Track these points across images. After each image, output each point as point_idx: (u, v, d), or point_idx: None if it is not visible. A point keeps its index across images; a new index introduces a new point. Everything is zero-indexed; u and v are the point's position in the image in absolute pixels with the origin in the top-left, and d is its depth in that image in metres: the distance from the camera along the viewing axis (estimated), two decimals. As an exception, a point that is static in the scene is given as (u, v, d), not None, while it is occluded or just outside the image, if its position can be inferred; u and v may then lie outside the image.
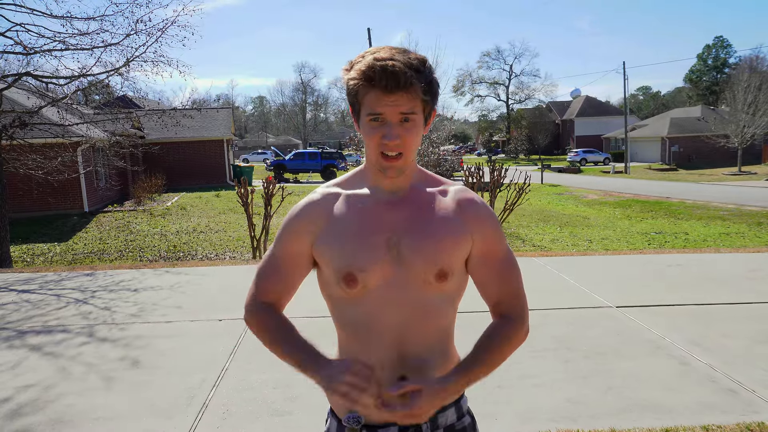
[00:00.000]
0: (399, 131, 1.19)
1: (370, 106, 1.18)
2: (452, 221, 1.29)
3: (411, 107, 1.18)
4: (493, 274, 1.33)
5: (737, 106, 35.25)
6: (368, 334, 1.28)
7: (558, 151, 62.48)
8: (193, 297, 5.97)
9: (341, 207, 1.31)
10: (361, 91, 1.19)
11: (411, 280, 1.25)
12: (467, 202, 1.32)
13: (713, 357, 3.99)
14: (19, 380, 3.88)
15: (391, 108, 1.17)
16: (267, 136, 75.56)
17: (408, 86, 1.15)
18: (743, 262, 7.18)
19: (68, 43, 9.33)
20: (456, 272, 1.28)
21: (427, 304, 1.27)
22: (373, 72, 1.15)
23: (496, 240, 1.33)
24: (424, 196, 1.32)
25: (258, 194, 9.99)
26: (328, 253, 1.28)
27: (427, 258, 1.24)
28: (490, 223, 1.32)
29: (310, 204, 1.34)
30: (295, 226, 1.33)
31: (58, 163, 11.43)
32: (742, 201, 17.92)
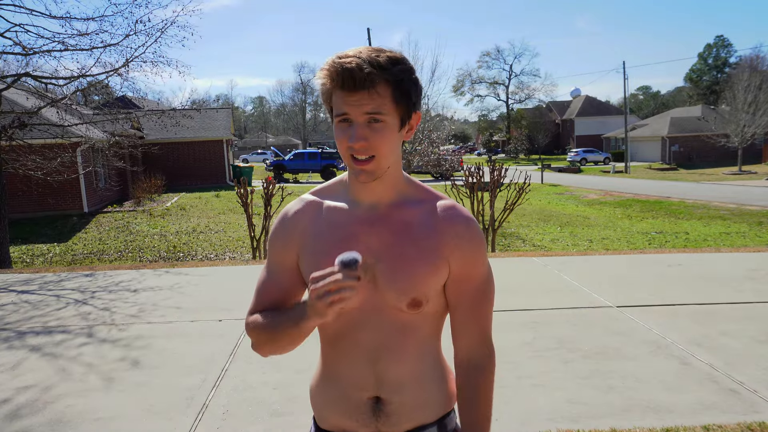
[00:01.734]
0: (365, 132, 1.12)
1: (336, 107, 1.14)
2: (430, 245, 1.21)
3: (377, 107, 1.11)
4: (463, 301, 1.25)
5: (737, 106, 35.25)
6: (346, 351, 1.26)
7: (558, 151, 62.49)
8: (192, 297, 5.97)
9: (319, 221, 1.27)
10: (327, 92, 1.15)
11: (385, 306, 1.21)
12: (448, 222, 1.23)
13: (714, 357, 3.98)
14: (18, 381, 3.87)
15: (354, 108, 1.11)
16: (266, 137, 75.55)
17: (368, 84, 1.09)
18: (744, 261, 7.17)
19: (67, 43, 9.34)
20: (432, 298, 1.23)
21: (404, 326, 1.23)
22: (333, 71, 1.11)
23: (474, 264, 1.24)
24: (404, 215, 1.24)
25: (258, 194, 9.98)
26: (304, 269, 1.26)
27: (400, 287, 1.19)
28: (470, 246, 1.23)
29: (294, 214, 1.30)
30: (280, 239, 1.30)
31: (57, 164, 11.43)
32: (742, 200, 17.92)
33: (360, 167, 1.15)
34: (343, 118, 1.13)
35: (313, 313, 1.09)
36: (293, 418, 3.25)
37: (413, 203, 1.25)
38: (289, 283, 1.29)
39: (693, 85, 66.87)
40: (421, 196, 1.27)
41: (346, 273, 1.06)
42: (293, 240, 1.28)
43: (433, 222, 1.23)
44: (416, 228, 1.22)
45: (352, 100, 1.11)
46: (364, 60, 1.09)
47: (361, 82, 1.09)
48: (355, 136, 1.12)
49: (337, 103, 1.13)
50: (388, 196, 1.24)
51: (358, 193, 1.24)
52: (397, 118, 1.15)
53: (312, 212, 1.28)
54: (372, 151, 1.13)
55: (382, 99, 1.11)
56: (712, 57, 64.11)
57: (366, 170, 1.15)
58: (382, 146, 1.14)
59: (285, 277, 1.29)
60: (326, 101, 1.18)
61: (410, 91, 1.15)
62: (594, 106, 62.79)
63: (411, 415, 1.25)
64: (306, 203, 1.31)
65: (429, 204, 1.26)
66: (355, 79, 1.09)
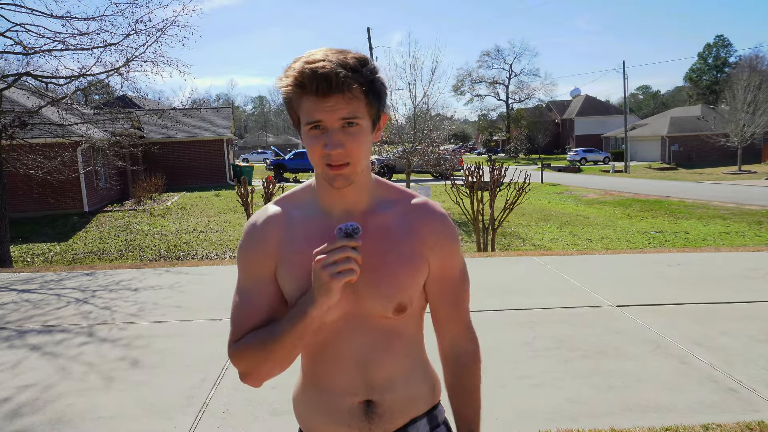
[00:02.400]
0: (342, 138, 1.08)
1: (307, 114, 1.08)
2: (410, 248, 1.20)
3: (352, 111, 1.07)
4: (446, 295, 1.26)
5: (737, 105, 35.25)
6: (331, 360, 1.23)
7: (558, 151, 62.49)
8: (193, 296, 5.97)
9: (292, 232, 1.21)
10: (295, 99, 1.09)
11: (369, 314, 1.19)
12: (424, 221, 1.22)
13: (713, 356, 3.99)
14: (19, 380, 3.88)
15: (329, 114, 1.06)
16: (267, 136, 75.59)
17: (344, 88, 1.05)
18: (743, 261, 7.18)
19: (68, 43, 9.34)
20: (416, 299, 1.23)
21: (390, 330, 1.22)
22: (304, 77, 1.05)
23: (451, 258, 1.24)
24: (380, 220, 1.21)
25: (258, 194, 9.99)
26: (283, 284, 1.20)
27: (384, 295, 1.17)
28: (447, 242, 1.23)
29: (264, 224, 1.23)
30: (254, 252, 1.22)
31: (58, 163, 11.44)
32: (742, 200, 17.92)
33: (336, 172, 1.11)
34: (316, 125, 1.08)
35: (320, 289, 1.06)
36: (293, 417, 3.25)
37: (387, 206, 1.23)
38: (271, 300, 1.21)
39: (693, 84, 66.87)
40: (393, 197, 1.25)
41: (349, 242, 1.05)
42: (269, 251, 1.21)
43: (409, 223, 1.21)
44: (394, 232, 1.20)
45: (327, 105, 1.06)
46: (336, 63, 1.05)
47: (337, 87, 1.05)
48: (332, 143, 1.07)
49: (308, 110, 1.08)
50: (362, 201, 1.21)
51: (331, 200, 1.20)
52: (369, 121, 1.12)
53: (283, 222, 1.22)
54: (347, 158, 1.10)
55: (357, 102, 1.08)
56: (712, 57, 64.12)
57: (343, 174, 1.11)
58: (358, 151, 1.11)
59: (265, 294, 1.21)
60: (291, 109, 1.13)
61: (381, 92, 1.12)
62: (594, 105, 62.78)
63: (402, 412, 1.26)
64: (274, 213, 1.24)
65: (402, 205, 1.24)
66: (331, 83, 1.04)
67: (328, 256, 1.03)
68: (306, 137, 1.11)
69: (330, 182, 1.13)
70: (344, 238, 1.04)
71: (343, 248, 1.03)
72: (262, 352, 1.15)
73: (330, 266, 1.03)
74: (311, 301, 1.08)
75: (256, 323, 1.19)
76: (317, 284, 1.05)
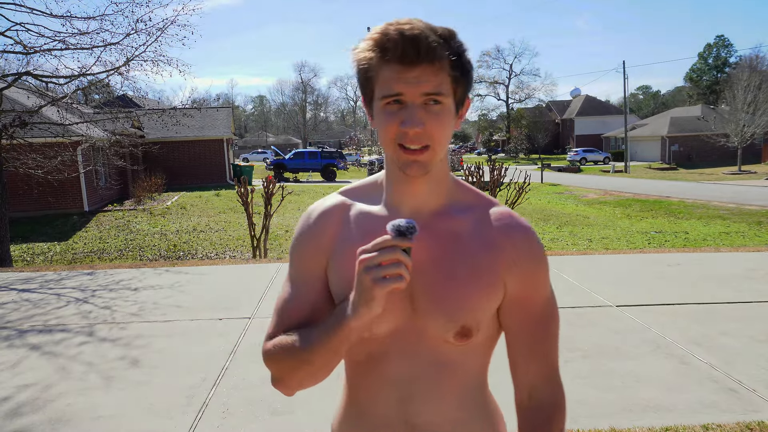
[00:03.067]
0: (423, 116, 0.92)
1: (385, 86, 0.93)
2: (484, 262, 1.01)
3: (437, 86, 0.92)
4: (525, 329, 1.05)
5: (737, 106, 35.25)
6: (373, 383, 1.06)
7: (558, 151, 62.49)
8: (193, 296, 5.97)
9: (349, 227, 1.07)
10: (373, 68, 0.94)
11: (426, 334, 1.01)
12: (504, 234, 1.02)
13: (713, 356, 3.99)
14: (19, 379, 3.88)
15: (412, 86, 0.91)
16: (267, 136, 75.57)
17: (432, 57, 0.91)
18: (743, 261, 7.18)
19: (68, 42, 9.34)
20: (484, 326, 1.03)
21: (445, 360, 1.03)
22: (388, 39, 0.91)
23: (535, 284, 1.04)
24: (452, 224, 1.03)
25: (258, 193, 9.99)
26: (332, 283, 1.07)
27: (447, 313, 0.99)
28: (531, 262, 1.03)
29: (322, 215, 1.10)
30: (308, 243, 1.09)
31: (58, 163, 11.44)
32: (742, 200, 17.92)
33: (412, 157, 0.95)
34: (395, 99, 0.93)
35: (361, 295, 0.91)
36: (293, 416, 3.26)
37: (461, 210, 1.05)
38: (319, 298, 1.07)
39: (693, 84, 66.90)
40: (470, 201, 1.07)
41: (401, 242, 0.89)
42: (323, 245, 1.08)
43: (486, 233, 1.03)
44: (467, 240, 1.02)
45: (411, 76, 0.91)
46: (425, 28, 0.91)
47: (426, 54, 0.90)
48: (412, 119, 0.92)
49: (387, 81, 0.93)
50: (433, 201, 1.04)
51: (399, 195, 1.04)
52: (453, 102, 0.97)
53: (341, 215, 1.09)
54: (427, 140, 0.94)
55: (443, 77, 0.93)
56: (712, 57, 64.14)
57: (419, 161, 0.95)
58: (440, 133, 0.95)
59: (314, 290, 1.08)
60: (365, 80, 0.97)
61: (469, 71, 0.97)
62: (594, 105, 62.79)
63: None
64: (334, 204, 1.10)
65: (480, 211, 1.06)
66: (419, 48, 0.90)
67: (374, 257, 0.89)
68: (379, 114, 0.96)
69: (403, 169, 0.97)
70: (396, 236, 0.90)
71: (393, 249, 0.88)
72: (294, 360, 1.02)
73: (374, 269, 0.88)
74: (351, 309, 0.94)
75: (299, 319, 1.06)
76: (358, 289, 0.91)
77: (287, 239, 12.02)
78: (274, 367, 1.07)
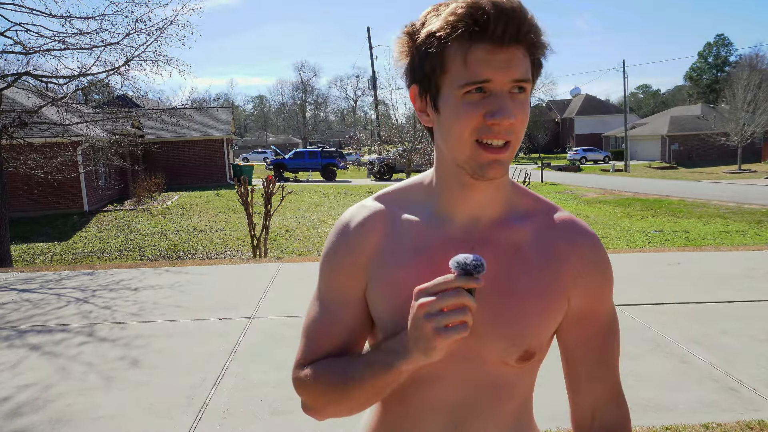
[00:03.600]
0: (512, 107, 0.79)
1: (471, 70, 0.77)
2: (548, 276, 0.90)
3: (526, 72, 0.80)
4: (588, 346, 0.96)
5: (737, 104, 35.26)
6: (418, 411, 0.93)
7: (558, 150, 62.51)
8: (193, 296, 5.97)
9: (396, 241, 0.92)
10: (452, 50, 0.78)
11: (483, 358, 0.89)
12: (569, 244, 0.92)
13: (714, 355, 3.99)
14: (19, 379, 3.88)
15: (502, 71, 0.77)
16: (267, 135, 75.58)
17: (530, 37, 0.78)
18: (743, 260, 7.18)
19: (68, 42, 9.35)
20: (546, 345, 0.95)
21: (501, 383, 0.92)
22: (484, 13, 0.75)
23: (600, 297, 0.94)
24: (512, 234, 0.91)
25: (258, 193, 9.98)
26: (374, 305, 0.93)
27: (510, 335, 0.88)
28: (597, 274, 0.93)
29: (360, 226, 0.94)
30: (344, 259, 0.94)
31: (58, 163, 11.44)
32: (742, 199, 17.92)
33: (493, 156, 0.81)
34: (479, 86, 0.78)
35: (418, 345, 0.78)
36: (293, 416, 3.26)
37: (521, 218, 0.93)
38: (356, 322, 0.94)
39: (693, 83, 66.95)
40: (528, 207, 0.95)
41: (467, 283, 0.75)
42: (362, 261, 0.93)
43: (548, 243, 0.92)
44: (528, 252, 0.91)
45: (500, 59, 0.77)
46: (519, 2, 0.78)
47: (525, 34, 0.77)
48: (505, 109, 0.78)
49: (474, 64, 0.77)
50: (494, 207, 0.91)
51: (457, 201, 0.90)
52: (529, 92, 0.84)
53: (384, 225, 0.93)
54: (511, 135, 0.81)
55: (527, 63, 0.80)
56: (712, 56, 64.20)
57: (500, 160, 0.82)
58: (523, 127, 0.83)
59: (350, 313, 0.94)
60: (435, 65, 0.81)
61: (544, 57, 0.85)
62: (594, 104, 62.80)
63: None
64: (374, 212, 0.95)
65: (540, 218, 0.94)
66: (520, 26, 0.77)
67: (436, 301, 0.75)
68: (455, 105, 0.81)
69: (480, 171, 0.83)
70: (462, 276, 0.75)
71: (458, 292, 0.75)
72: (331, 395, 0.92)
73: (437, 316, 0.75)
74: (404, 351, 0.80)
75: (333, 346, 0.94)
76: (416, 336, 0.78)
77: (287, 239, 12.02)
78: (308, 397, 0.97)
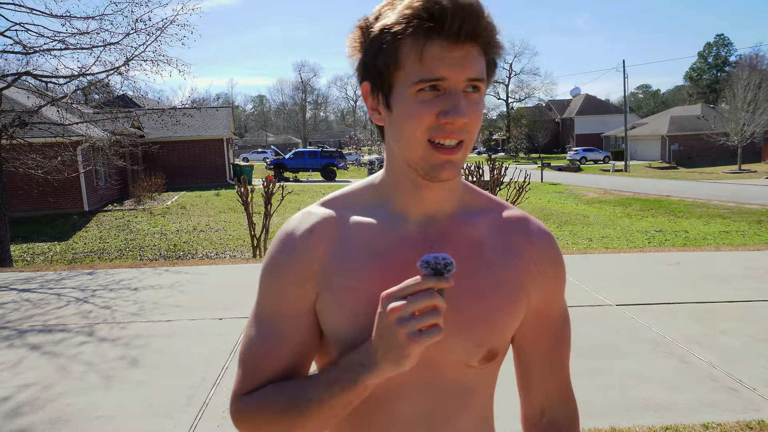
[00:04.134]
0: (466, 105, 0.76)
1: (426, 67, 0.74)
2: (508, 273, 0.87)
3: (481, 70, 0.77)
4: (542, 343, 0.93)
5: (737, 105, 35.25)
6: (383, 419, 0.87)
7: (558, 150, 62.53)
8: (193, 296, 5.97)
9: (346, 244, 0.85)
10: (407, 45, 0.75)
11: (446, 362, 0.85)
12: (527, 240, 0.89)
13: (713, 355, 3.99)
14: (19, 379, 3.88)
15: (457, 69, 0.74)
16: (267, 135, 75.63)
17: (486, 35, 0.75)
18: (743, 260, 7.18)
19: (68, 42, 9.35)
20: (507, 344, 0.91)
21: (466, 386, 0.88)
22: (438, 7, 0.72)
23: (555, 295, 0.93)
24: (471, 230, 0.87)
25: (258, 193, 9.99)
26: (327, 317, 0.85)
27: (474, 335, 0.84)
28: (555, 272, 0.92)
29: (307, 234, 0.86)
30: (287, 273, 0.86)
31: (58, 163, 11.44)
32: (742, 199, 17.92)
33: (445, 157, 0.78)
34: (433, 84, 0.75)
35: (388, 353, 0.72)
36: (293, 416, 3.26)
37: (475, 214, 0.89)
38: (303, 338, 0.85)
39: (693, 83, 66.96)
40: (481, 204, 0.91)
41: (438, 283, 0.70)
42: (310, 272, 0.85)
43: (506, 239, 0.89)
44: (487, 249, 0.87)
45: (456, 57, 0.74)
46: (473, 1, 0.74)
47: (481, 31, 0.74)
48: (458, 108, 0.74)
49: (429, 61, 0.74)
50: (449, 205, 0.88)
51: (411, 200, 0.86)
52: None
53: (333, 231, 0.86)
54: (464, 134, 0.77)
55: (482, 61, 0.77)
56: (712, 56, 64.22)
57: (453, 161, 0.78)
58: (477, 126, 0.79)
59: (299, 331, 0.85)
60: (389, 61, 0.77)
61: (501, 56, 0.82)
62: (594, 104, 62.80)
63: None
64: (322, 218, 0.88)
65: (495, 214, 0.91)
66: (476, 23, 0.74)
67: (407, 305, 0.70)
68: (408, 103, 0.77)
69: (432, 172, 0.79)
70: (433, 277, 0.70)
71: (429, 293, 0.70)
72: (282, 424, 0.81)
73: (409, 321, 0.70)
74: (370, 364, 0.75)
75: (277, 369, 0.84)
76: (387, 345, 0.72)
77: (287, 239, 11.99)
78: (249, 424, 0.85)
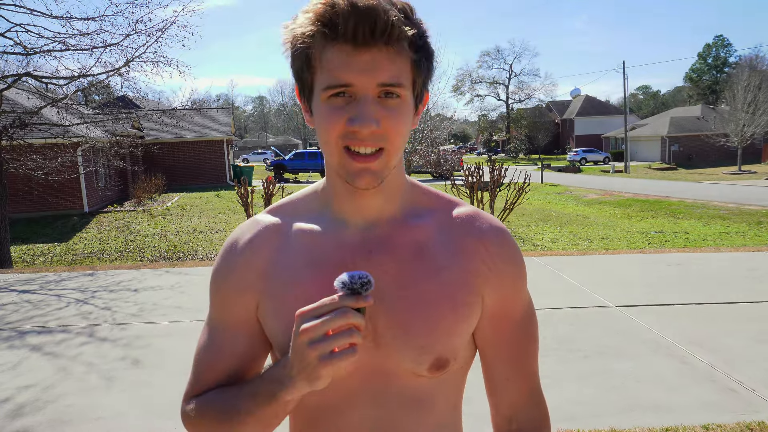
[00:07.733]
0: (377, 111, 0.73)
1: (330, 74, 0.72)
2: (456, 275, 0.83)
3: (395, 75, 0.73)
4: (503, 345, 0.88)
5: (737, 105, 35.25)
6: (331, 430, 0.85)
7: (558, 151, 62.54)
8: (193, 297, 5.98)
9: (288, 252, 0.85)
10: (314, 51, 0.73)
11: (392, 371, 0.82)
12: (476, 238, 0.85)
13: (713, 356, 3.99)
14: (19, 380, 3.88)
15: (364, 75, 0.71)
16: (267, 136, 75.62)
17: (392, 37, 0.71)
18: (743, 261, 7.18)
19: (68, 43, 9.35)
20: (462, 351, 0.85)
21: (419, 397, 0.84)
22: (335, 11, 0.70)
23: (514, 293, 0.87)
24: (414, 233, 0.85)
25: (258, 194, 10.00)
26: (267, 325, 0.85)
27: (417, 345, 0.80)
28: (509, 268, 0.86)
29: (249, 243, 0.88)
30: (229, 282, 0.89)
31: (58, 164, 11.44)
32: (742, 200, 17.92)
33: (362, 165, 0.75)
34: (340, 91, 0.73)
35: (301, 373, 0.71)
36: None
37: (421, 216, 0.87)
38: (246, 346, 0.87)
39: (693, 84, 66.96)
40: (430, 204, 0.89)
41: (355, 303, 0.69)
42: (251, 280, 0.86)
43: (454, 239, 0.85)
44: (433, 251, 0.84)
45: (362, 62, 0.71)
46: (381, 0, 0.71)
47: (383, 32, 0.70)
48: (364, 115, 0.72)
49: (332, 67, 0.72)
50: (391, 207, 0.85)
51: (347, 206, 0.84)
52: (412, 95, 0.77)
53: (275, 239, 0.87)
54: (382, 141, 0.74)
55: (402, 63, 0.74)
56: (712, 57, 64.22)
57: (372, 169, 0.76)
58: (397, 133, 0.75)
59: (241, 338, 0.87)
60: (302, 67, 0.75)
61: (431, 54, 0.78)
62: (594, 105, 62.81)
63: None
64: (266, 227, 0.88)
65: (442, 214, 0.87)
66: (375, 25, 0.70)
67: (319, 325, 0.68)
68: (321, 110, 0.75)
69: (350, 180, 0.77)
70: (348, 296, 0.69)
71: (343, 312, 0.69)
72: (221, 429, 0.83)
73: (321, 343, 0.68)
74: (286, 381, 0.73)
75: (223, 375, 0.87)
76: (299, 365, 0.71)
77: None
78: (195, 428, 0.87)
